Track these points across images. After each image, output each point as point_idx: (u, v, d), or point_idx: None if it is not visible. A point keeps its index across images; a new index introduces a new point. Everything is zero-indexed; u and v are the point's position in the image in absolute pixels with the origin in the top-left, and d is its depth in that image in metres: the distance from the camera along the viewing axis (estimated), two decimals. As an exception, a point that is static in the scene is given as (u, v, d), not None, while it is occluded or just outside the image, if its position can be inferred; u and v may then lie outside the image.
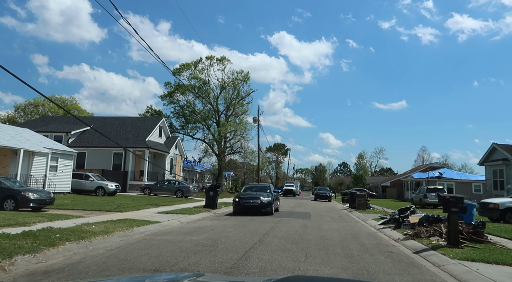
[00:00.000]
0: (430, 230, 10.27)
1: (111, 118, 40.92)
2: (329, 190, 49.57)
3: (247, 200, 17.10)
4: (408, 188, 49.90)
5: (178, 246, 8.30)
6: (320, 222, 14.92)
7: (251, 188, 19.80)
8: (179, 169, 41.83)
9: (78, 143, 34.33)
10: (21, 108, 54.76)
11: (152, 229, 11.11)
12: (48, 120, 40.06)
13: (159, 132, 38.76)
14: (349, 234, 11.49)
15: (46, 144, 24.26)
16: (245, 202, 17.00)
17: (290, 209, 23.22)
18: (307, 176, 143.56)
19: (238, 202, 17.14)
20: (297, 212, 20.36)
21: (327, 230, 12.15)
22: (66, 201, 20.03)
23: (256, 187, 19.75)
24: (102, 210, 16.31)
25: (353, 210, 23.94)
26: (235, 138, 49.02)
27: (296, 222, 14.41)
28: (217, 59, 47.19)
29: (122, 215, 14.47)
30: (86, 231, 9.32)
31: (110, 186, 27.13)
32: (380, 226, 13.95)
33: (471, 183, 43.48)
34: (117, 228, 10.17)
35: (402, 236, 10.88)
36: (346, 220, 16.63)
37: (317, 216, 18.11)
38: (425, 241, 9.54)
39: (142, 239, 9.31)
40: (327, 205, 31.32)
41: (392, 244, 9.87)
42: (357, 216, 19.44)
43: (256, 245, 8.59)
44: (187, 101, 48.11)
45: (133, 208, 17.68)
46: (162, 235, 10.12)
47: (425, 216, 11.79)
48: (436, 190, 27.06)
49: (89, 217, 13.27)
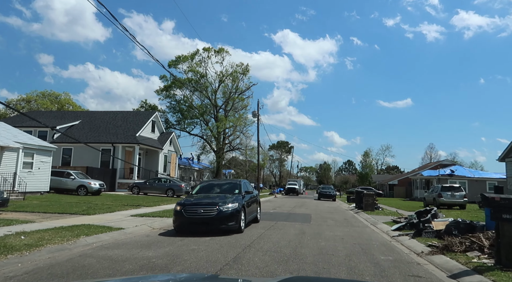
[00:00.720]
0: (465, 242, 7.79)
1: (101, 113, 38.64)
2: (334, 189, 46.98)
3: (195, 209, 9.99)
4: (417, 186, 47.21)
5: (118, 268, 5.91)
6: (322, 227, 12.47)
7: (210, 187, 12.47)
8: (174, 167, 39.49)
9: (64, 138, 32.06)
10: (12, 103, 52.73)
11: (106, 239, 8.74)
12: (35, 115, 37.80)
13: (152, 127, 36.42)
14: (357, 244, 9.03)
15: (20, 138, 21.97)
16: (192, 213, 9.92)
17: (289, 209, 20.77)
18: (311, 174, 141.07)
19: (180, 212, 9.97)
20: (296, 214, 17.91)
21: (329, 239, 9.70)
22: (35, 202, 17.74)
23: (219, 186, 12.49)
24: (68, 212, 13.98)
25: (359, 210, 21.45)
26: (234, 135, 46.64)
27: (292, 228, 11.97)
28: (215, 51, 44.79)
29: (86, 219, 12.10)
30: (7, 245, 6.97)
31: (93, 185, 24.81)
32: (394, 232, 11.48)
33: (485, 181, 40.79)
34: (55, 239, 7.82)
35: (426, 248, 8.42)
36: (352, 224, 14.16)
37: (319, 219, 15.65)
38: (461, 257, 7.07)
39: (78, 255, 6.92)
40: (331, 205, 28.84)
41: (415, 260, 7.40)
42: (365, 218, 16.96)
43: (228, 265, 6.19)
44: (184, 96, 45.76)
45: (107, 210, 15.34)
46: (112, 248, 7.73)
47: (454, 221, 9.29)
48: (452, 189, 24.45)
49: (41, 222, 10.94)
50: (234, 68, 45.34)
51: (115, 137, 31.87)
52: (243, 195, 11.25)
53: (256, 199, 13.11)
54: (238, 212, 10.28)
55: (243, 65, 45.97)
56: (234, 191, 11.60)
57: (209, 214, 9.90)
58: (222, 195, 11.07)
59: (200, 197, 11.08)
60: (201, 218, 9.91)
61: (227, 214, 10.00)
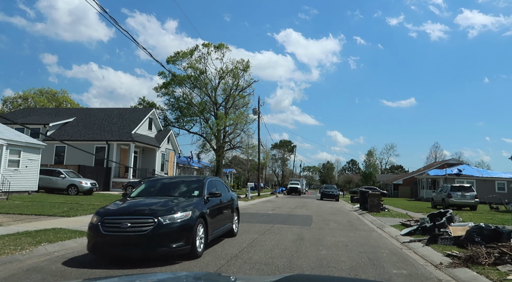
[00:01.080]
0: (493, 252, 6.52)
1: (97, 110, 37.52)
2: (337, 188, 45.68)
3: (118, 221, 6.45)
4: (423, 186, 45.81)
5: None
6: (323, 231, 11.22)
7: (158, 186, 8.56)
8: (172, 165, 38.34)
9: (57, 135, 30.98)
10: (9, 101, 51.75)
11: (73, 247, 7.59)
12: (28, 112, 36.82)
13: (149, 124, 35.26)
14: (363, 253, 7.78)
15: (6, 134, 20.85)
16: (113, 227, 6.39)
17: (289, 211, 19.52)
18: (314, 173, 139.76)
19: (95, 227, 6.52)
20: (296, 215, 16.66)
21: (331, 246, 8.46)
22: (17, 202, 16.61)
23: (172, 185, 8.66)
24: (45, 214, 12.80)
25: (364, 212, 20.17)
26: (235, 133, 45.36)
27: (290, 232, 10.73)
28: (214, 47, 43.49)
29: (62, 222, 10.93)
30: None
31: (85, 184, 23.69)
32: (404, 237, 10.21)
33: (494, 180, 39.37)
34: (7, 248, 6.64)
35: (445, 258, 7.16)
36: (357, 227, 12.90)
37: (320, 221, 14.39)
38: (492, 272, 5.81)
39: (25, 269, 5.74)
40: (334, 205, 27.58)
41: (435, 275, 6.15)
42: (370, 221, 15.69)
43: None
44: (184, 93, 44.55)
45: (90, 211, 14.08)
46: (73, 259, 6.54)
47: (476, 227, 8.02)
48: (462, 189, 23.10)
49: (8, 225, 9.80)
50: (234, 65, 44.10)
51: (110, 134, 30.73)
52: (205, 199, 7.61)
53: (230, 204, 9.29)
54: (190, 226, 6.54)
55: (244, 61, 44.69)
56: (192, 192, 7.95)
57: (140, 230, 6.22)
58: (171, 199, 7.38)
59: (136, 201, 7.45)
60: (126, 236, 6.21)
61: (171, 229, 6.33)
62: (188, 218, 6.63)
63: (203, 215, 7.10)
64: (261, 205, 24.35)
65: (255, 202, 27.06)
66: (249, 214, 16.51)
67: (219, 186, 9.22)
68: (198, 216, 6.85)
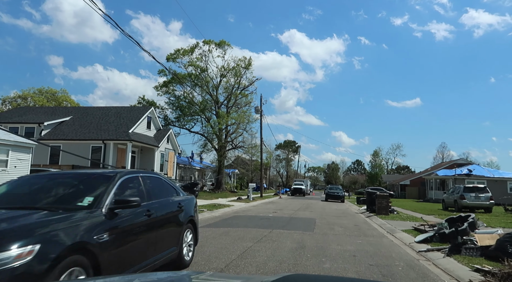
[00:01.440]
0: (537, 269, 5.27)
1: (94, 109, 36.50)
2: (342, 189, 44.38)
3: None
4: (431, 186, 44.35)
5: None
6: (327, 238, 9.99)
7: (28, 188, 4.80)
8: (172, 166, 37.23)
9: (53, 135, 30.02)
10: (8, 100, 50.95)
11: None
12: (24, 110, 35.88)
13: (148, 123, 34.15)
14: (374, 266, 6.56)
15: (-7, 133, 19.84)
16: None
17: (291, 213, 18.29)
18: (319, 174, 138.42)
19: None
20: (298, 218, 15.42)
21: (336, 257, 7.24)
22: None
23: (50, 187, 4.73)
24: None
25: (372, 214, 18.92)
26: (237, 132, 44.21)
27: (290, 238, 9.51)
28: (215, 44, 42.37)
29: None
30: None
31: (77, 185, 22.59)
32: (420, 245, 8.96)
33: (506, 181, 37.86)
34: None
35: (475, 274, 5.92)
36: (365, 233, 11.65)
37: (324, 225, 13.16)
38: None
39: None
40: (339, 207, 26.30)
41: (466, 298, 4.91)
42: (379, 224, 14.43)
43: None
44: (184, 91, 43.47)
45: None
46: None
47: (509, 236, 6.76)
48: (476, 190, 21.72)
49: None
50: (236, 62, 42.97)
51: (106, 134, 29.67)
52: (105, 211, 4.08)
53: (173, 217, 5.66)
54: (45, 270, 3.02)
55: (246, 59, 43.57)
56: (80, 199, 4.27)
57: None
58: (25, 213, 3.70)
59: None
60: None
61: None
62: (29, 259, 2.96)
63: (84, 246, 3.55)
64: (263, 206, 23.14)
65: (256, 204, 25.87)
66: (248, 217, 15.32)
67: (149, 187, 5.36)
68: (65, 252, 3.26)
